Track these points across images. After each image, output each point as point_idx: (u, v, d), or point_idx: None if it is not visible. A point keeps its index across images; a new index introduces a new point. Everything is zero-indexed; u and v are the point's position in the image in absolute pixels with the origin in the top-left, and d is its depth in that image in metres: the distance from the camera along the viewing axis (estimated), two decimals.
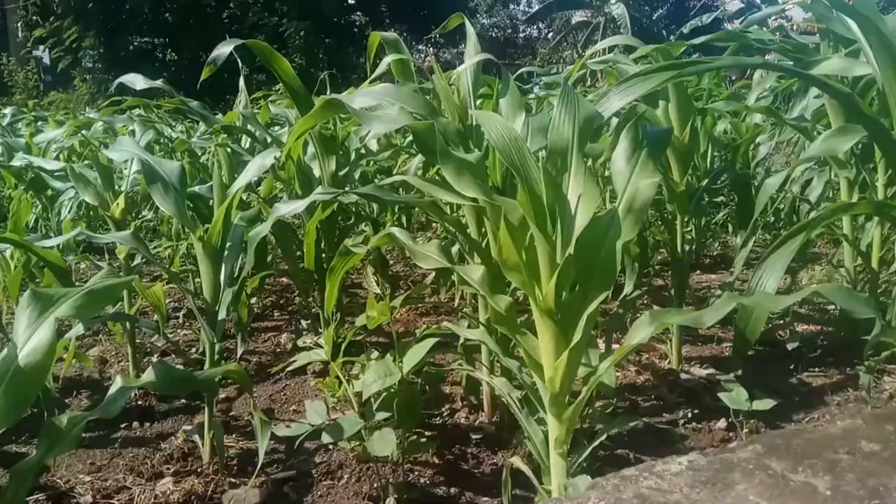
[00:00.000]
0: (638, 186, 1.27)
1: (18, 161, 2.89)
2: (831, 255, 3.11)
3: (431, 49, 20.61)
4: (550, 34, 34.10)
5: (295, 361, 1.82)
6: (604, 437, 1.38)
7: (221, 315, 1.70)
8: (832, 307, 2.64)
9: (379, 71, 1.84)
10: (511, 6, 38.63)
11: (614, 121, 1.87)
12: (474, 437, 1.79)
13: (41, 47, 18.58)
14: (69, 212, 3.11)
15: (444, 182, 1.35)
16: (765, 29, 2.78)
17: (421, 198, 1.52)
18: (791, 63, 2.17)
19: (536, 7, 33.98)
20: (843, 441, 1.07)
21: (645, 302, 2.82)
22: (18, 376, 1.00)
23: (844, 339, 2.30)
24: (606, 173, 2.43)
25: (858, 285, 2.32)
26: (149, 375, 1.33)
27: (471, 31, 1.86)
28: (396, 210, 3.39)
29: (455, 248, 1.98)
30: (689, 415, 1.88)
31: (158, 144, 3.70)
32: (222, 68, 2.08)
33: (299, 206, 1.55)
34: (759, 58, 1.88)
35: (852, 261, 2.29)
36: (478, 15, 29.49)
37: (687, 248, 2.28)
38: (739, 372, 2.09)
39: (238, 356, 2.30)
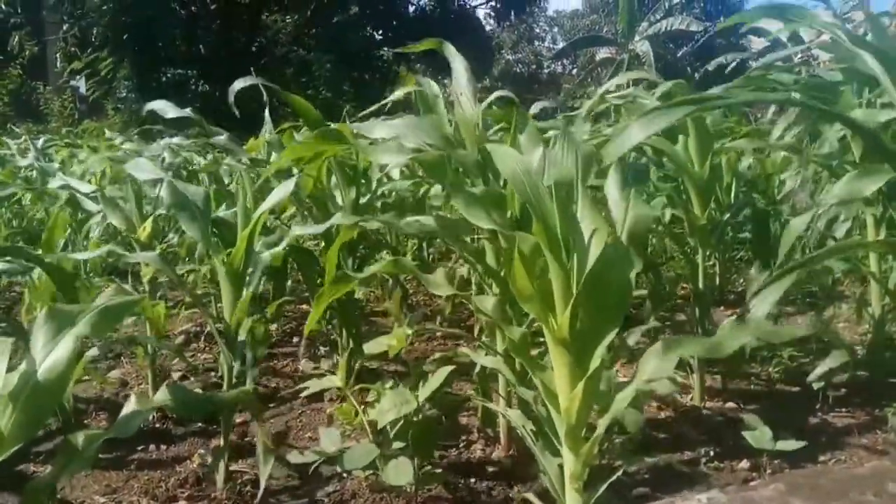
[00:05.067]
0: (636, 217, 1.30)
1: (57, 182, 2.97)
2: (858, 294, 3.05)
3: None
4: (575, 70, 34.44)
5: (308, 388, 1.82)
6: (621, 472, 1.35)
7: (241, 338, 1.71)
8: (859, 347, 2.58)
9: (392, 98, 1.87)
10: (536, 43, 39.17)
11: None
12: (489, 469, 1.76)
13: (77, 77, 19.19)
14: (98, 235, 3.17)
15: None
16: (791, 67, 2.78)
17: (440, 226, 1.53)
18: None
19: (561, 43, 34.42)
20: (870, 482, 1.04)
21: (666, 336, 2.78)
22: (36, 393, 1.01)
23: (872, 379, 2.24)
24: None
25: (886, 325, 2.26)
26: (162, 396, 1.34)
27: (457, 59, 1.81)
28: (416, 239, 3.40)
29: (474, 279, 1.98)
30: (711, 453, 1.84)
31: (186, 171, 3.77)
32: (253, 98, 2.14)
33: (317, 229, 1.56)
34: (781, 92, 1.88)
35: (880, 300, 2.24)
36: (503, 51, 29.91)
37: (709, 282, 2.26)
38: (764, 410, 2.04)
39: (249, 381, 2.31)
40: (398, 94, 1.86)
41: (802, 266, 1.30)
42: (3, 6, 17.03)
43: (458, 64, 1.79)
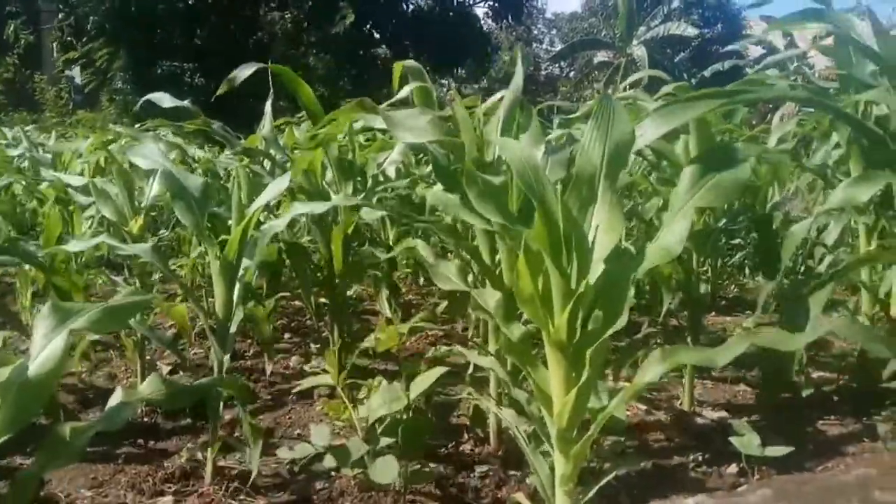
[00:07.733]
0: (674, 227, 1.22)
1: (46, 178, 2.95)
2: (849, 303, 3.06)
3: (454, 83, 20.91)
4: (572, 73, 34.48)
5: (300, 385, 1.81)
6: (611, 476, 1.35)
7: (232, 332, 1.70)
8: (849, 355, 2.59)
9: (400, 96, 1.85)
10: (533, 45, 39.19)
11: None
12: (479, 469, 1.76)
13: (73, 67, 19.07)
14: (90, 228, 3.15)
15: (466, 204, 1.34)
16: (787, 74, 2.79)
17: (439, 220, 1.53)
18: (811, 109, 2.17)
19: (558, 45, 34.46)
20: (856, 489, 1.05)
21: (658, 342, 2.79)
22: (26, 387, 1.01)
23: (861, 387, 2.25)
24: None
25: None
26: (149, 387, 1.33)
27: (519, 69, 1.81)
28: (412, 236, 3.39)
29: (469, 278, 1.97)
30: (700, 458, 1.84)
31: (183, 164, 3.75)
32: (249, 94, 2.13)
33: (317, 207, 1.54)
34: (804, 90, 1.85)
35: (871, 308, 2.25)
36: (499, 52, 29.88)
37: (702, 288, 2.26)
38: (753, 417, 2.05)
39: (268, 373, 2.35)
40: (404, 91, 1.84)
41: (833, 279, 1.30)
42: None
43: (519, 73, 1.78)
